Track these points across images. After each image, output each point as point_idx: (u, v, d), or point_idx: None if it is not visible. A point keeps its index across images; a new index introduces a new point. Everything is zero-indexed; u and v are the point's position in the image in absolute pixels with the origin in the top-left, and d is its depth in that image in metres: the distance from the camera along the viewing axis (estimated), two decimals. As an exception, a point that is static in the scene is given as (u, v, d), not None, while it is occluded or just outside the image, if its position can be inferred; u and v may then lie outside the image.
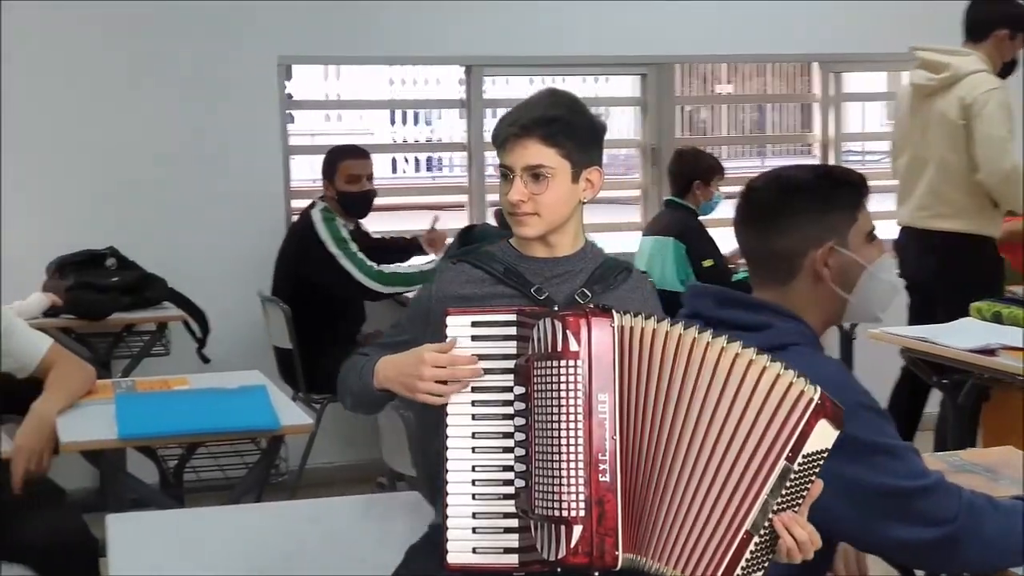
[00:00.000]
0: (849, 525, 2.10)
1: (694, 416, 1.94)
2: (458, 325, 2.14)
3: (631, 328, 1.98)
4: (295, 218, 5.51)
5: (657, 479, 1.96)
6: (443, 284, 2.42)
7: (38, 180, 5.40)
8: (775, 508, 1.92)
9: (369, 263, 5.13)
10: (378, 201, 5.50)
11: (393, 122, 19.82)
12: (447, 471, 2.08)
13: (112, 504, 3.13)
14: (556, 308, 2.16)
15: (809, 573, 2.17)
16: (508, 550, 2.04)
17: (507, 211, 2.36)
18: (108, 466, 3.31)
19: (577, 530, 1.91)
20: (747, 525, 1.91)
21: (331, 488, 4.94)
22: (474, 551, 2.05)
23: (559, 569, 1.95)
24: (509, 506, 2.05)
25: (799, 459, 1.91)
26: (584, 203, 2.42)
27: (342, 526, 2.79)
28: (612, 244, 6.95)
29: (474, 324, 2.13)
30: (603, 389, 1.95)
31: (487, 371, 2.10)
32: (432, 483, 2.47)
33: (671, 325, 1.97)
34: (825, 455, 1.94)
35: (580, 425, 1.93)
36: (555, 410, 1.94)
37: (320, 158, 5.43)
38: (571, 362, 1.94)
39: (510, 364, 2.08)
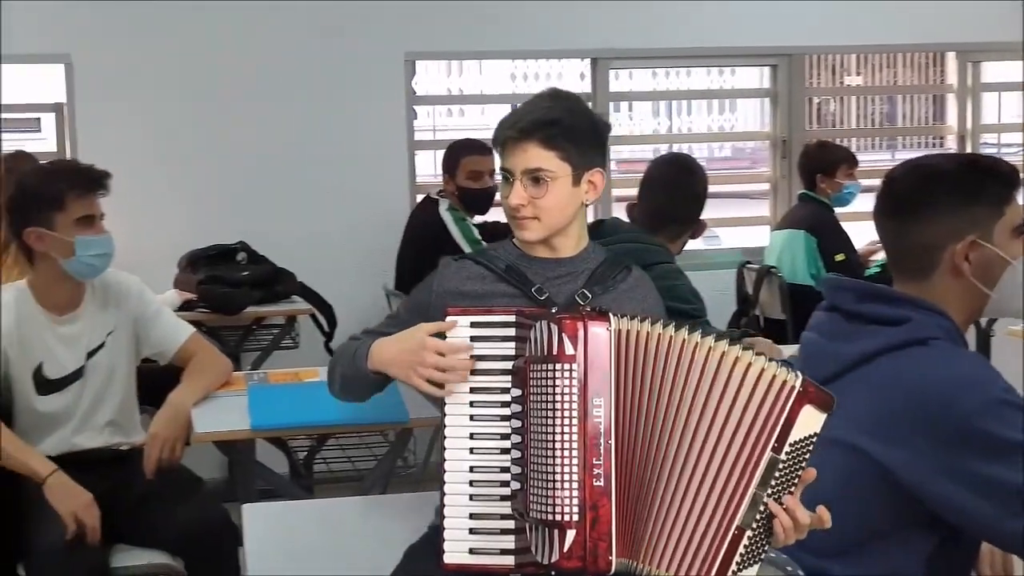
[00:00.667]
0: (988, 524, 2.02)
1: (683, 418, 1.96)
2: (458, 325, 2.14)
3: (628, 332, 1.99)
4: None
5: (652, 483, 1.97)
6: (444, 280, 2.39)
7: (170, 176, 5.52)
8: (766, 500, 1.92)
9: None
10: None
11: (515, 117, 19.79)
12: (444, 471, 2.09)
13: (241, 494, 3.17)
14: (555, 309, 2.16)
15: (953, 574, 2.11)
16: (504, 551, 2.05)
17: (508, 214, 2.34)
18: (239, 456, 3.36)
19: (570, 534, 1.93)
20: (737, 521, 1.92)
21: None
22: (471, 551, 2.07)
23: (553, 573, 1.97)
24: (506, 507, 2.06)
25: (786, 448, 1.91)
26: (587, 205, 2.38)
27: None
28: (741, 239, 6.89)
29: (473, 324, 2.13)
30: (599, 393, 1.96)
31: (486, 372, 2.10)
32: None
33: (667, 328, 1.98)
34: (815, 440, 1.93)
35: (575, 429, 1.94)
36: (550, 413, 1.95)
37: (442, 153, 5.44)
38: (567, 366, 1.95)
39: (508, 365, 2.08)
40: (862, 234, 5.15)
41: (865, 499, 2.07)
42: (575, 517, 1.93)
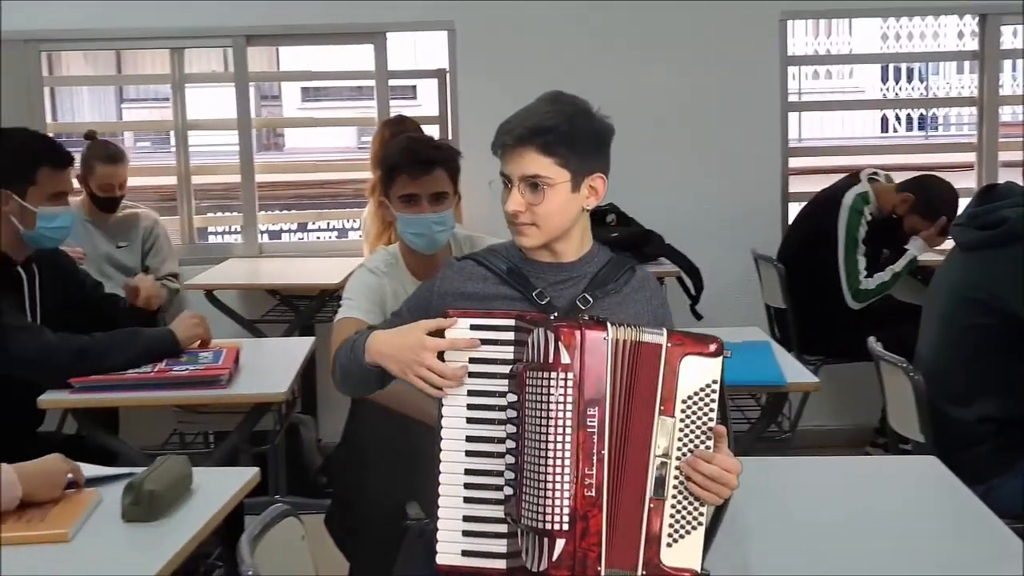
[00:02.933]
0: None
1: None
2: (457, 327, 2.11)
3: (625, 341, 1.98)
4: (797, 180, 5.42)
5: (635, 490, 1.97)
6: (446, 280, 2.33)
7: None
8: (677, 464, 1.96)
9: (861, 276, 4.87)
10: (871, 160, 5.27)
11: (885, 79, 19.06)
12: (440, 472, 2.07)
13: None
14: (555, 315, 2.14)
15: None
16: (497, 555, 2.05)
17: (507, 220, 2.27)
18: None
19: (560, 543, 1.93)
20: (649, 494, 1.96)
21: (822, 451, 4.85)
22: (463, 553, 2.06)
23: None
24: (499, 511, 2.05)
25: (679, 406, 1.97)
26: (588, 210, 2.29)
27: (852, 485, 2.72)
28: None
29: (473, 327, 2.11)
30: (593, 403, 1.96)
31: (484, 375, 2.08)
32: None
33: (666, 336, 1.98)
34: (714, 386, 1.98)
35: (568, 438, 1.94)
36: (544, 422, 1.95)
37: (814, 115, 5.27)
38: (562, 374, 1.95)
39: (507, 369, 2.06)
40: None
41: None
42: (565, 526, 1.93)
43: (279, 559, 2.21)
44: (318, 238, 9.70)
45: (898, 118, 19.05)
